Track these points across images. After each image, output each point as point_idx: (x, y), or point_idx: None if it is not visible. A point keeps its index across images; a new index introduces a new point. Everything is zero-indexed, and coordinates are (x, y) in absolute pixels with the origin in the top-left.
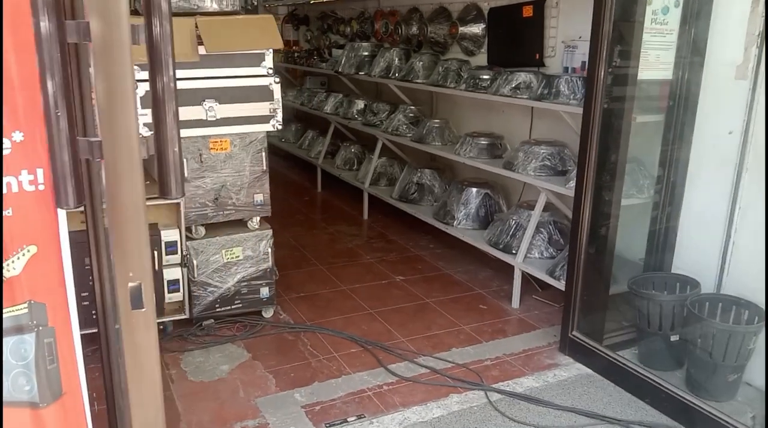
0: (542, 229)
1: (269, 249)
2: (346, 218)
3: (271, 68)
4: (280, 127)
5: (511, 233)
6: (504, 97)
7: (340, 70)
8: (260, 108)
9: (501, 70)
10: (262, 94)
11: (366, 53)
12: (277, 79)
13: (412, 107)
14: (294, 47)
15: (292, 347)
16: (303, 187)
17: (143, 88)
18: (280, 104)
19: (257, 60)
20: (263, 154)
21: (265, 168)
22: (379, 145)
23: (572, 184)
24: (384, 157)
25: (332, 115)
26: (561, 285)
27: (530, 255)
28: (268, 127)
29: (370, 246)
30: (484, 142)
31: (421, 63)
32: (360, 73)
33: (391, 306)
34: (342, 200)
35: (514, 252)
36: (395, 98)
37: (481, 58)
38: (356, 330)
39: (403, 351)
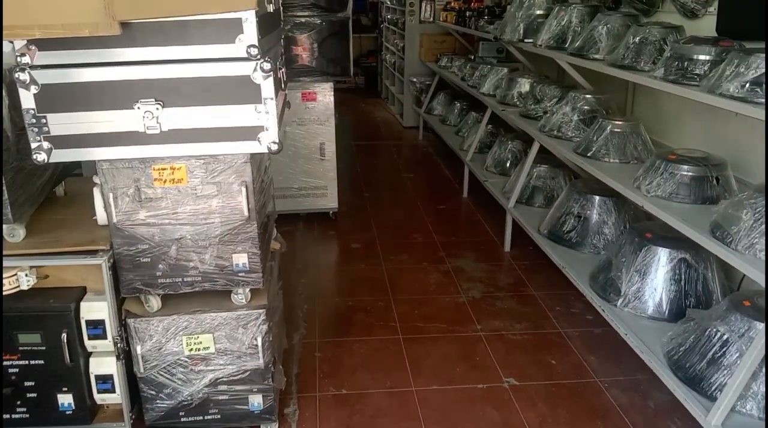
0: None
1: (259, 340)
2: (480, 246)
3: (254, 46)
4: (276, 149)
5: (712, 355)
6: (727, 98)
7: (501, 36)
8: (238, 115)
9: (733, 46)
10: (240, 90)
11: (540, 12)
12: (268, 65)
13: (588, 97)
14: (474, 3)
15: None
16: (446, 189)
17: None
18: (276, 109)
19: (228, 32)
20: (246, 191)
21: (246, 213)
22: (534, 149)
23: None
24: (544, 164)
25: (489, 96)
26: None
27: (742, 411)
28: (253, 147)
29: (491, 303)
30: (686, 172)
31: (607, 28)
32: (526, 40)
33: None
34: (487, 216)
35: (711, 394)
36: (572, 79)
37: (706, 24)
38: None
39: None
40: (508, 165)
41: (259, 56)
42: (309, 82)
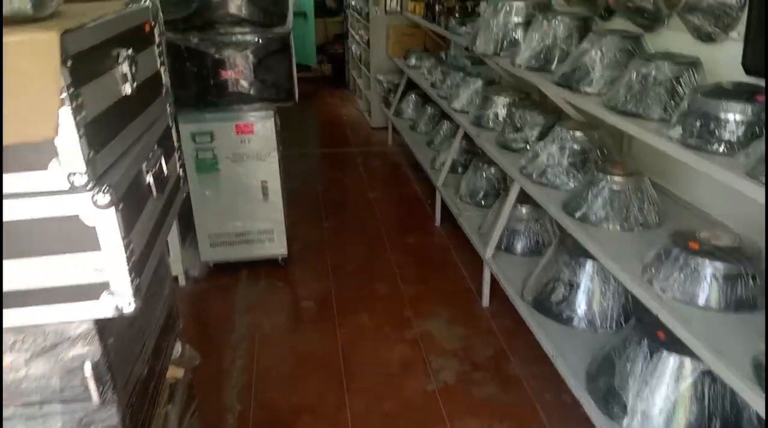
0: None
1: None
2: (454, 298)
3: (80, 173)
4: (130, 310)
5: None
6: None
7: (470, 45)
8: (66, 269)
9: None
10: (65, 235)
11: (518, 20)
12: (106, 198)
13: (579, 135)
14: None
15: None
16: (417, 214)
17: None
18: (134, 252)
19: (37, 155)
20: (91, 369)
21: (97, 398)
22: (513, 190)
23: None
24: (527, 204)
25: (462, 113)
26: None
27: None
28: (93, 311)
29: (467, 390)
30: (715, 269)
31: (601, 53)
32: (502, 53)
33: None
34: (463, 253)
35: None
36: (556, 104)
37: (726, 52)
38: None
39: None
40: (484, 195)
41: (90, 185)
42: (245, 110)
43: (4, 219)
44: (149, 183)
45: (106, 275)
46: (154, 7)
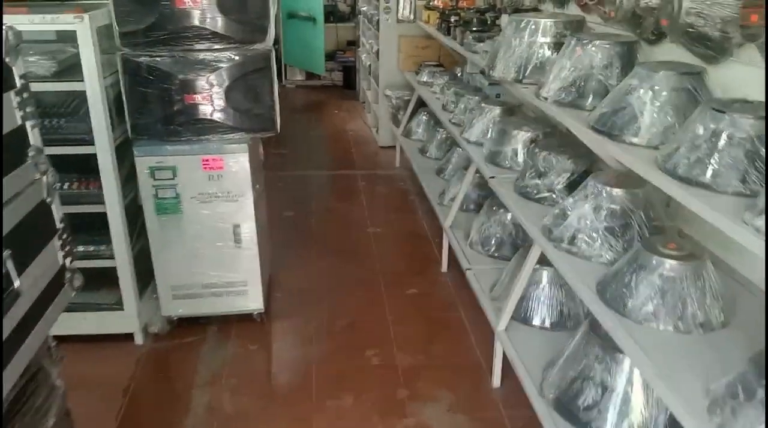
0: None
1: None
2: (459, 375)
3: None
4: None
5: None
6: None
7: (491, 70)
8: None
9: None
10: None
11: (545, 40)
12: None
13: (618, 193)
14: (463, 2)
15: None
16: (421, 255)
17: None
18: None
19: None
20: None
21: None
22: (534, 254)
23: None
24: (550, 266)
25: (475, 145)
26: None
27: None
28: None
29: None
30: None
31: (653, 93)
32: (522, 79)
33: None
34: (472, 313)
35: None
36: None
37: None
38: None
39: None
40: (499, 244)
41: None
42: (215, 142)
43: None
44: None
45: None
46: (15, 35)
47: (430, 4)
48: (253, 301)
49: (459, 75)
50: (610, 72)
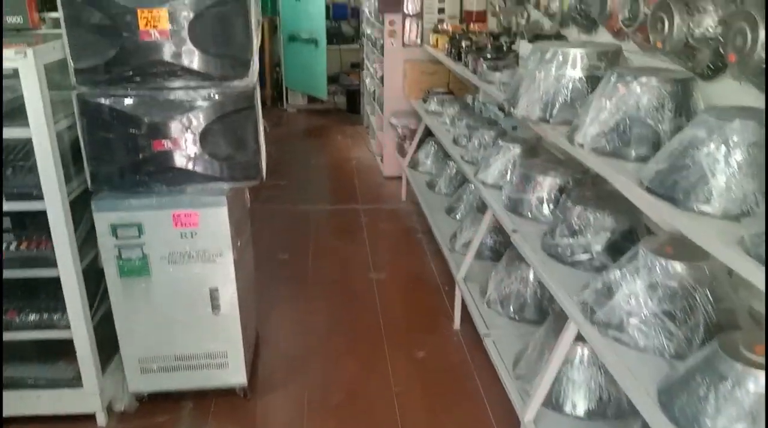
0: None
1: None
2: None
3: None
4: None
5: None
6: None
7: (513, 107)
8: None
9: None
10: None
11: (577, 74)
12: None
13: (677, 268)
14: (474, 25)
15: None
16: (430, 308)
17: None
18: None
19: None
20: None
21: None
22: (569, 334)
23: None
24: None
25: (492, 188)
26: None
27: None
28: None
29: None
30: None
31: (726, 148)
32: (549, 119)
33: None
34: (494, 382)
35: None
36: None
37: None
38: None
39: None
40: (522, 305)
41: None
42: (188, 194)
43: None
44: None
45: None
46: None
47: (439, 27)
48: (234, 374)
49: (470, 104)
50: (661, 115)
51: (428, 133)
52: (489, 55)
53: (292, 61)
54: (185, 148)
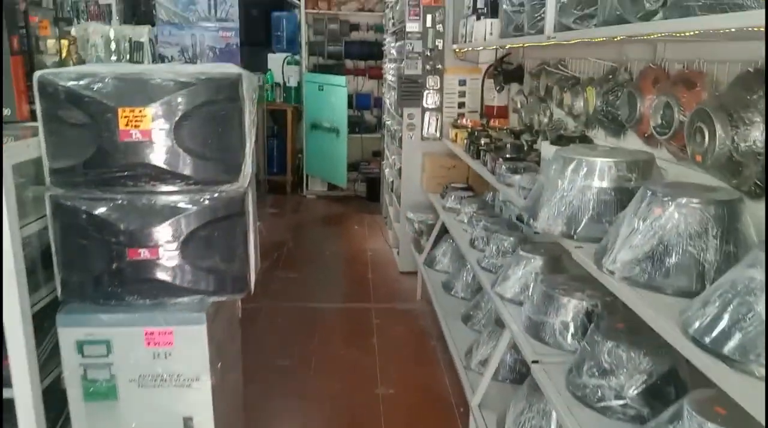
0: None
1: None
2: None
3: None
4: None
5: None
6: None
7: (528, 218)
8: None
9: None
10: None
11: (604, 185)
12: None
13: None
14: (495, 121)
15: None
16: (441, 396)
17: None
18: None
19: None
20: None
21: None
22: None
23: None
24: None
25: (510, 302)
26: None
27: None
28: None
29: None
30: None
31: None
32: (574, 235)
33: None
34: None
35: None
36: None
37: None
38: None
39: None
40: None
41: None
42: (164, 309)
43: None
44: None
45: None
46: None
47: (458, 122)
48: None
49: (490, 201)
50: (705, 242)
51: (446, 230)
52: (508, 155)
53: (313, 148)
54: (164, 257)
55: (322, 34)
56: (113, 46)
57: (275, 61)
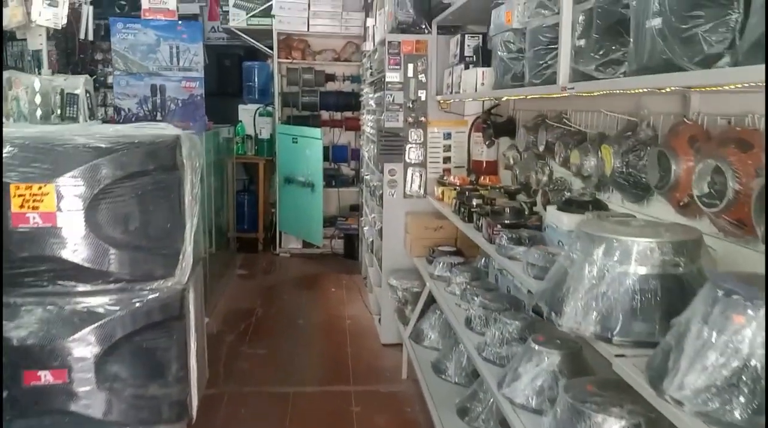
0: None
1: None
2: None
3: None
4: None
5: None
6: None
7: (548, 312)
8: None
9: None
10: None
11: (645, 271)
12: None
13: None
14: (486, 179)
15: None
16: None
17: None
18: None
19: None
20: None
21: None
22: None
23: None
24: None
25: (522, 409)
26: None
27: None
28: None
29: None
30: None
31: None
32: (611, 338)
33: None
34: None
35: None
36: None
37: None
38: None
39: None
40: None
41: None
42: None
43: None
44: None
45: None
46: None
47: (444, 179)
48: None
49: (483, 268)
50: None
51: (433, 299)
52: (507, 221)
53: (287, 203)
54: (73, 382)
55: (297, 84)
56: (38, 99)
57: (247, 112)
